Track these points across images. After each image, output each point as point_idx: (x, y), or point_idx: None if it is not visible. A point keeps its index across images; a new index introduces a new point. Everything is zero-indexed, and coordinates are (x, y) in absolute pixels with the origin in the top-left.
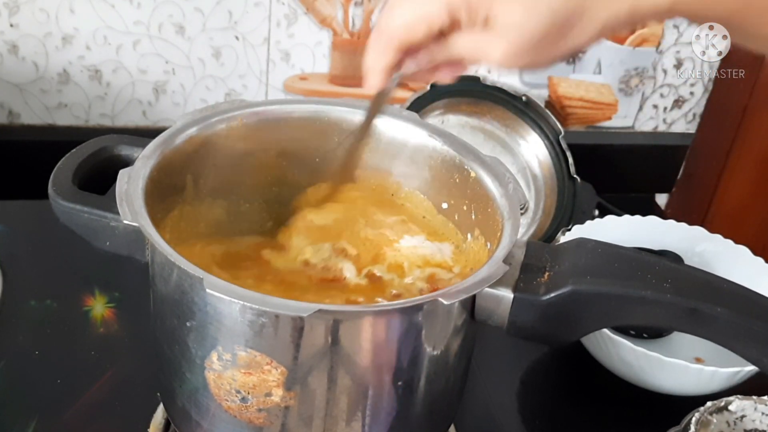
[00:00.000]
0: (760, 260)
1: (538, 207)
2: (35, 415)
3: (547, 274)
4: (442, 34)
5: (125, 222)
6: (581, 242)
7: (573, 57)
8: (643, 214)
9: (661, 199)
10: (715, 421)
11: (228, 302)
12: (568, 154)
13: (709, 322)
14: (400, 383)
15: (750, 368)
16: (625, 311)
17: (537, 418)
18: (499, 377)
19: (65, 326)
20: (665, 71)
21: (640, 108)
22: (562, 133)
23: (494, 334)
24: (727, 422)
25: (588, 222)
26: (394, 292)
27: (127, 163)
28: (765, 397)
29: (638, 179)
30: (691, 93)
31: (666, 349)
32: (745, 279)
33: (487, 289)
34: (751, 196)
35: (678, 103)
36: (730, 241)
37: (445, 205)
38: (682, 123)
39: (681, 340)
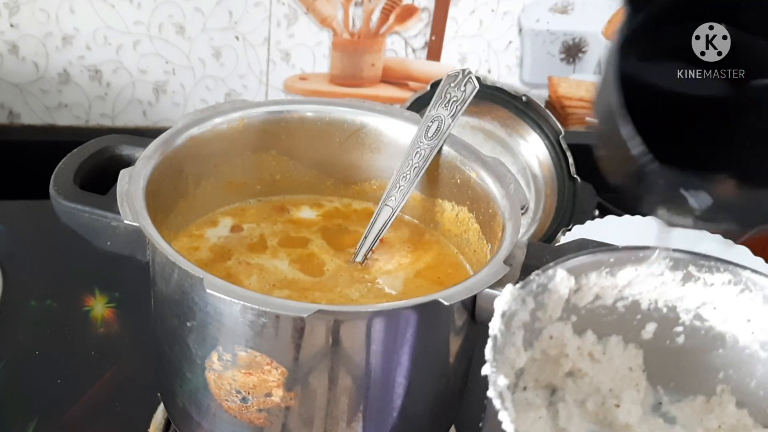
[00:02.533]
0: (760, 260)
1: (539, 207)
2: (35, 415)
3: None
4: None
5: (126, 222)
6: (582, 243)
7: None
8: (643, 214)
9: None
10: None
11: (228, 302)
12: (568, 154)
13: None
14: (400, 384)
15: None
16: None
17: None
18: None
19: (65, 326)
20: None
21: None
22: (563, 133)
23: None
24: None
25: (588, 222)
26: None
27: (128, 163)
28: None
29: None
30: None
31: None
32: None
33: (488, 290)
34: None
35: None
36: (730, 241)
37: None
38: None
39: None
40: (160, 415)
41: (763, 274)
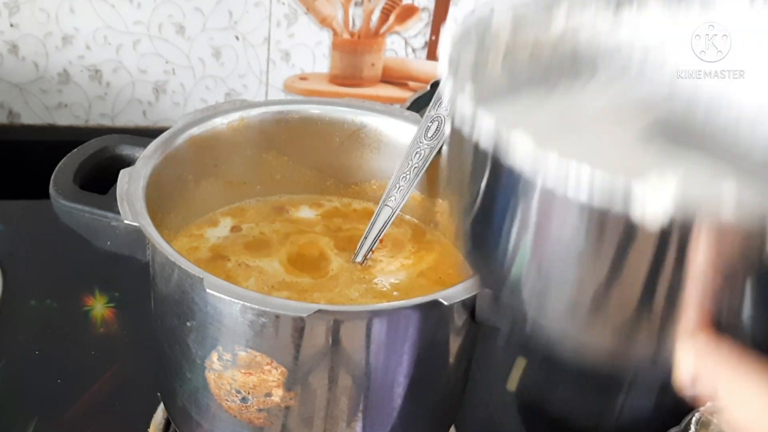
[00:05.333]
0: None
1: None
2: (35, 415)
3: None
4: None
5: (126, 222)
6: None
7: None
8: None
9: None
10: (715, 421)
11: (228, 302)
12: None
13: None
14: (400, 384)
15: None
16: None
17: (537, 418)
18: (499, 377)
19: (65, 326)
20: None
21: None
22: None
23: (495, 334)
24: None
25: None
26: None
27: (128, 162)
28: None
29: None
30: None
31: None
32: None
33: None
34: None
35: None
36: None
37: None
38: None
39: None
40: (160, 415)
41: None
